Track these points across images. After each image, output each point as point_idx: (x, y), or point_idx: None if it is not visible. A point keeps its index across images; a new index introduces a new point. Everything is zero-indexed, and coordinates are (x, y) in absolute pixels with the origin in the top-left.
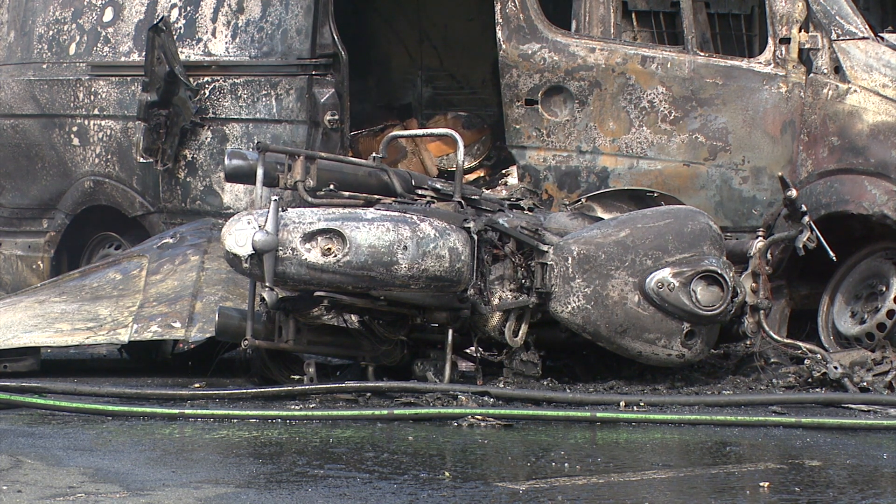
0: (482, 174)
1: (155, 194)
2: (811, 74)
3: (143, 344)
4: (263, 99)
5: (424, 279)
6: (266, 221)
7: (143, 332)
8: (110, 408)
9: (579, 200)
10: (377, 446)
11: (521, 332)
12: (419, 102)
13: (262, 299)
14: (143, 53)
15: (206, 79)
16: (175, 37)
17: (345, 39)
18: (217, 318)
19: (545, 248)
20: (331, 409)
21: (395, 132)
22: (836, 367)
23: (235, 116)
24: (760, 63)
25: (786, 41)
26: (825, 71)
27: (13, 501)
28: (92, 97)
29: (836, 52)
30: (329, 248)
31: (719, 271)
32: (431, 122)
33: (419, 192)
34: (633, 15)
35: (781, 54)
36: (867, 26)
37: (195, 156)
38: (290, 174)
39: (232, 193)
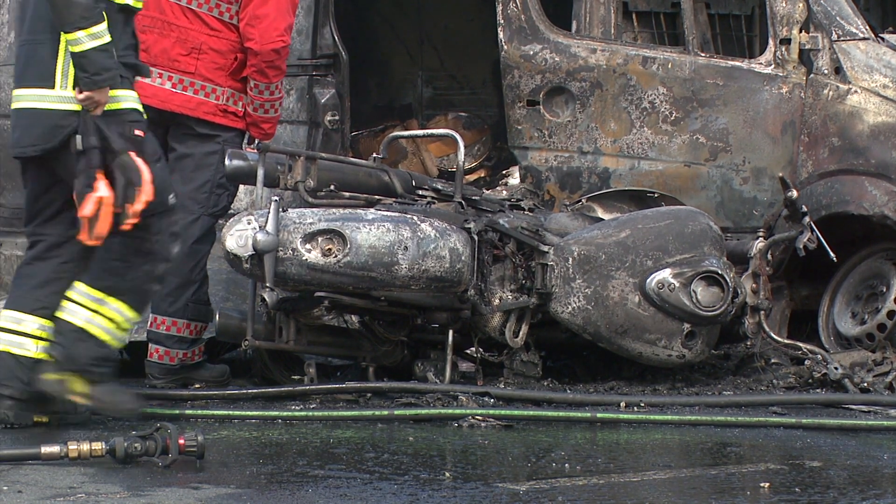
0: (483, 175)
1: None
2: (812, 75)
3: (143, 344)
4: None
5: (425, 280)
6: (266, 222)
7: (143, 332)
8: None
9: (580, 201)
10: (378, 447)
11: (521, 333)
12: (419, 103)
13: (263, 300)
14: None
15: None
16: None
17: (345, 40)
18: (217, 318)
19: (546, 248)
20: (331, 409)
21: (396, 133)
22: (836, 368)
23: None
24: (761, 64)
25: (786, 42)
26: (826, 71)
27: (13, 501)
28: None
29: (837, 52)
30: (329, 249)
31: (720, 272)
32: (432, 123)
33: (420, 192)
34: (634, 16)
35: (782, 55)
36: (868, 27)
37: None
38: (291, 175)
39: None
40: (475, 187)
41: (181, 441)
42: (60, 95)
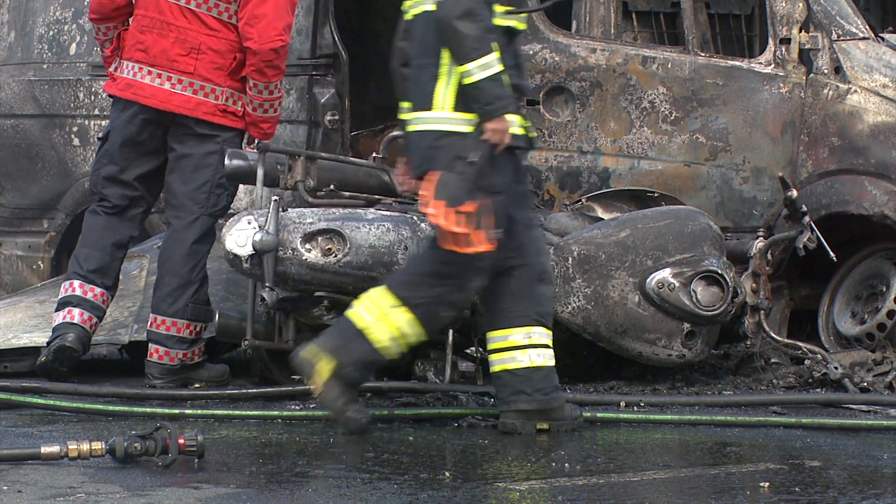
0: None
1: None
2: (811, 75)
3: (143, 344)
4: None
5: None
6: (266, 222)
7: (143, 332)
8: (110, 408)
9: (580, 201)
10: (377, 446)
11: None
12: None
13: (263, 299)
14: None
15: None
16: None
17: (345, 40)
18: (217, 318)
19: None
20: None
21: (396, 132)
22: (836, 368)
23: None
24: (761, 63)
25: (786, 41)
26: (825, 71)
27: (13, 501)
28: (92, 97)
29: (837, 52)
30: (329, 249)
31: (720, 272)
32: None
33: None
34: (634, 15)
35: (782, 55)
36: (868, 27)
37: None
38: (291, 174)
39: None
40: None
41: (181, 441)
42: (438, 117)
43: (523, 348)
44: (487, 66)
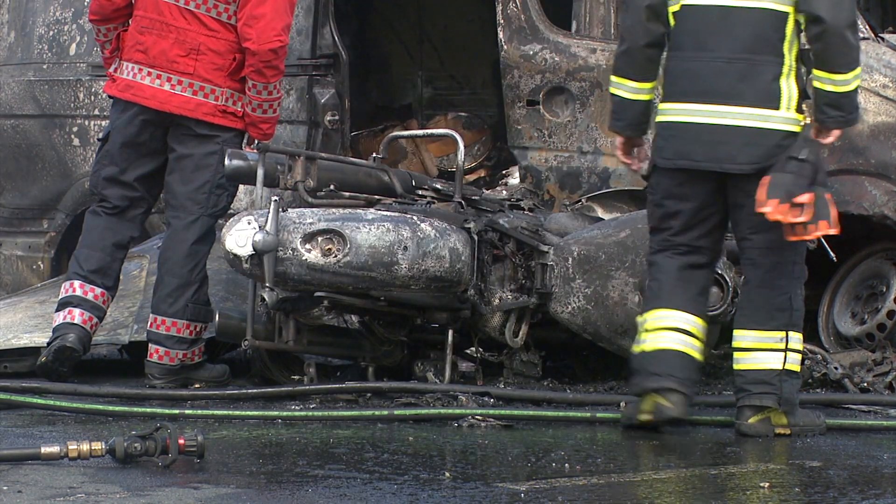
0: (483, 175)
1: None
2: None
3: (143, 344)
4: None
5: (425, 279)
6: (266, 222)
7: (143, 333)
8: (110, 408)
9: (580, 201)
10: (377, 447)
11: (521, 333)
12: (419, 103)
13: (263, 300)
14: None
15: None
16: None
17: (345, 40)
18: (217, 318)
19: (545, 248)
20: (331, 409)
21: (396, 133)
22: (836, 368)
23: None
24: None
25: None
26: None
27: (13, 501)
28: (92, 97)
29: None
30: (329, 249)
31: (720, 272)
32: (432, 123)
33: (419, 192)
34: None
35: None
36: (868, 27)
37: None
38: (291, 175)
39: None
40: (475, 187)
41: (181, 441)
42: (785, 117)
43: (674, 330)
44: (859, 77)
